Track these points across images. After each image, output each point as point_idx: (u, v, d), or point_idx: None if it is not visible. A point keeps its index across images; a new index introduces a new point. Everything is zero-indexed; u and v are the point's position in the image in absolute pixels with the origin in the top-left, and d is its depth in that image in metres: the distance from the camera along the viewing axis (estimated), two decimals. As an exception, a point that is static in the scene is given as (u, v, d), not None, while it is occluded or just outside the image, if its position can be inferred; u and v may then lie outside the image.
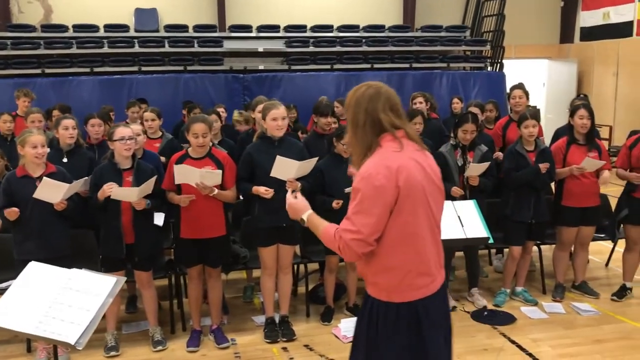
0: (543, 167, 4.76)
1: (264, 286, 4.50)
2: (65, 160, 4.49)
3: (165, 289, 4.87)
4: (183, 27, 10.97)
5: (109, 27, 10.63)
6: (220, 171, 4.08)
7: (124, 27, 10.74)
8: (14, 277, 4.21)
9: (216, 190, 4.07)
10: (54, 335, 2.44)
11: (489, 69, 11.90)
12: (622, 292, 5.15)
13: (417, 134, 2.45)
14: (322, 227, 2.41)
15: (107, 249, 4.16)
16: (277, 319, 4.59)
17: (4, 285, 4.33)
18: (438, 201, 2.41)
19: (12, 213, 3.89)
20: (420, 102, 6.55)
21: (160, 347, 4.32)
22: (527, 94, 5.81)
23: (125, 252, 4.11)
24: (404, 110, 2.45)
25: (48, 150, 4.14)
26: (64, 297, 2.57)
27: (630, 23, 12.00)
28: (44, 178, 3.88)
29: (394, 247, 2.29)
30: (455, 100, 7.68)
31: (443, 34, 12.05)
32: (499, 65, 11.83)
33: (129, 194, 3.97)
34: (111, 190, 3.93)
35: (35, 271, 2.72)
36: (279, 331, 4.51)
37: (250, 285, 5.40)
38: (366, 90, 2.37)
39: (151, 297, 4.38)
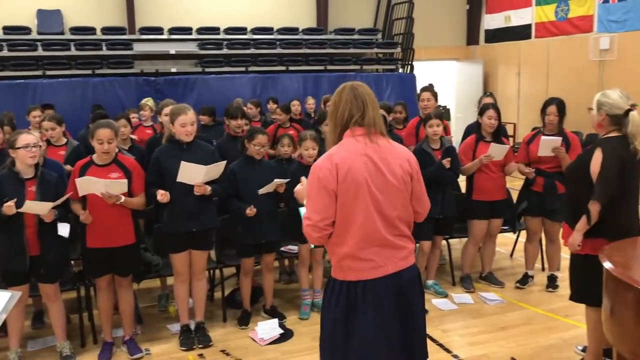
0: (445, 162, 4.97)
1: (177, 293, 4.43)
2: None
3: (74, 301, 4.68)
4: (90, 30, 10.61)
5: (8, 30, 10.12)
6: (126, 180, 3.97)
7: (25, 30, 10.26)
8: None
9: (123, 198, 3.96)
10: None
11: (401, 70, 12.27)
12: (524, 280, 5.46)
13: (383, 128, 2.62)
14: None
15: (9, 263, 3.94)
16: (192, 326, 4.52)
17: None
18: (390, 194, 2.53)
19: None
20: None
21: (68, 362, 4.16)
22: (435, 95, 6.02)
23: (29, 265, 3.92)
24: (387, 104, 2.64)
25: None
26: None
27: (529, 26, 12.74)
28: None
29: (338, 233, 2.53)
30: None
31: (356, 36, 12.31)
32: (409, 67, 12.21)
33: (40, 208, 3.80)
34: (12, 207, 3.74)
35: None
36: (194, 338, 4.44)
37: (164, 293, 5.29)
38: (344, 88, 2.61)
39: (58, 310, 4.20)
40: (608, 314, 2.83)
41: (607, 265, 2.80)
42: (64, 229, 4.22)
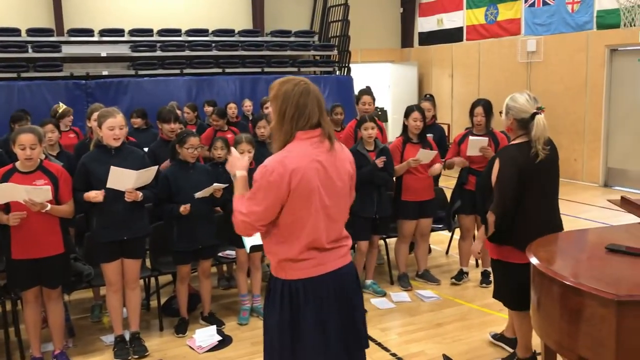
0: (379, 161, 5.04)
1: (110, 303, 4.28)
2: None
3: (0, 315, 4.45)
4: (15, 31, 10.15)
5: None
6: (49, 186, 3.80)
7: (-58, 30, 9.70)
8: None
9: (49, 206, 3.80)
10: None
11: (338, 73, 12.37)
12: (460, 276, 5.60)
13: (333, 132, 2.58)
14: (236, 195, 2.61)
15: None
16: (127, 336, 4.39)
17: None
18: (337, 199, 2.54)
19: None
20: (268, 107, 6.61)
21: (-7, 381, 3.95)
22: (374, 99, 6.11)
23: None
24: (326, 108, 2.59)
25: None
26: None
27: (461, 29, 13.10)
28: None
29: (283, 235, 2.50)
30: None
31: (292, 39, 12.32)
32: (346, 69, 12.33)
33: None
34: None
35: None
36: (129, 349, 4.31)
37: (97, 303, 5.11)
38: (295, 85, 2.50)
39: (-20, 327, 3.99)
40: (535, 307, 2.93)
41: (533, 260, 2.90)
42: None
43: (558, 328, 2.70)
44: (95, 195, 3.97)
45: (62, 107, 6.58)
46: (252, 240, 3.25)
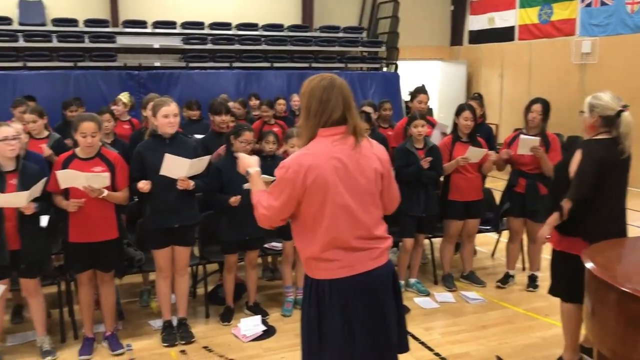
0: (424, 162, 5.00)
1: (159, 289, 4.39)
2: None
3: (55, 296, 4.63)
4: (72, 22, 10.47)
5: (-12, 20, 9.93)
6: (108, 173, 3.93)
7: (6, 20, 10.09)
8: None
9: (106, 192, 3.92)
10: None
11: (385, 69, 12.32)
12: (505, 280, 5.52)
13: (363, 128, 2.56)
14: (255, 190, 2.70)
15: (-12, 257, 3.88)
16: (174, 322, 4.50)
17: None
18: (362, 198, 2.50)
19: None
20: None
21: (49, 357, 4.10)
22: (428, 98, 6.08)
23: (9, 259, 3.86)
24: (355, 104, 2.58)
25: None
26: None
27: (512, 28, 12.85)
28: None
29: (305, 234, 2.54)
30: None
31: (341, 34, 12.32)
32: (394, 66, 12.26)
33: (17, 200, 3.73)
34: None
35: None
36: (176, 334, 4.42)
37: (146, 289, 5.25)
38: (321, 80, 2.51)
39: (39, 305, 4.14)
40: (589, 313, 2.87)
41: (589, 265, 2.84)
42: (43, 220, 4.17)
43: (613, 335, 2.64)
44: (142, 186, 4.07)
45: (127, 96, 6.77)
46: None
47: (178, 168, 4.05)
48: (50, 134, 5.43)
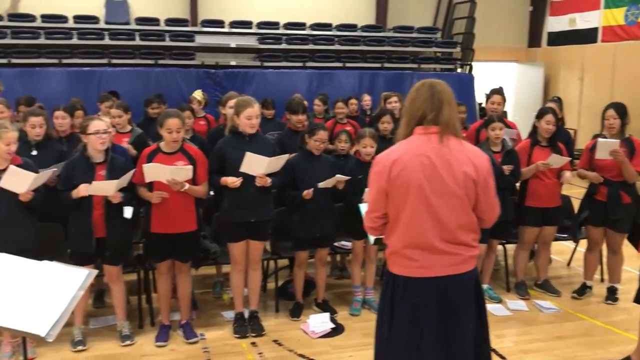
0: (506, 168, 4.89)
1: (233, 282, 4.51)
2: (34, 152, 4.42)
3: (134, 283, 4.85)
4: (154, 21, 10.88)
5: (78, 18, 10.46)
6: (191, 167, 4.08)
7: (93, 19, 10.59)
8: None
9: (187, 186, 4.07)
10: (24, 327, 2.42)
11: (459, 70, 12.11)
12: (582, 290, 5.32)
13: (458, 131, 2.58)
14: None
15: (77, 244, 4.12)
16: (246, 315, 4.61)
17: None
18: (448, 199, 2.49)
19: None
20: (396, 102, 6.61)
21: (128, 342, 4.30)
22: (504, 99, 5.94)
23: (95, 246, 4.08)
24: (455, 111, 2.60)
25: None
26: (34, 289, 2.55)
27: (595, 29, 12.33)
28: (11, 166, 3.81)
29: (389, 228, 2.62)
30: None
31: (414, 35, 12.21)
32: (468, 67, 12.04)
33: (106, 188, 3.94)
34: (87, 190, 3.91)
35: (3, 263, 2.70)
36: (248, 326, 4.53)
37: (219, 280, 5.40)
38: (422, 85, 2.60)
39: (120, 291, 4.35)
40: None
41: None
42: (128, 212, 4.38)
43: None
44: (233, 182, 4.19)
45: (201, 94, 7.00)
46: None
47: (258, 165, 4.16)
48: (132, 128, 5.67)
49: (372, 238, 3.36)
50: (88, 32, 10.31)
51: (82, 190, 3.94)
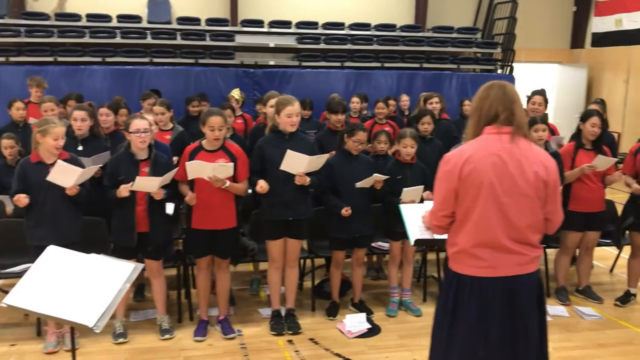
0: None
1: (271, 279, 4.55)
2: (80, 148, 4.55)
3: (173, 278, 4.93)
4: (195, 20, 11.02)
5: (121, 18, 10.68)
6: (232, 164, 4.13)
7: (136, 18, 10.79)
8: (27, 262, 4.32)
9: (228, 183, 4.12)
10: (73, 317, 2.49)
11: (499, 71, 11.94)
12: (626, 298, 5.18)
13: (526, 130, 2.60)
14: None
15: (120, 238, 4.21)
16: (282, 312, 4.64)
17: (18, 268, 4.41)
18: (518, 199, 2.49)
19: (20, 200, 3.93)
20: (437, 102, 6.57)
21: (167, 336, 4.38)
22: (546, 100, 5.83)
23: (137, 241, 4.17)
24: (524, 112, 2.62)
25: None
26: (82, 281, 2.62)
27: (643, 30, 11.99)
28: (58, 161, 3.93)
29: (456, 226, 2.60)
30: (466, 102, 7.71)
31: (454, 35, 12.08)
32: (509, 68, 11.86)
33: (150, 185, 4.03)
34: (128, 190, 4.01)
35: (54, 255, 2.78)
36: (284, 324, 4.56)
37: (256, 277, 5.45)
38: (492, 85, 2.60)
39: (161, 286, 4.44)
40: None
41: None
42: (169, 208, 4.47)
43: None
44: (260, 188, 4.22)
45: (238, 93, 7.07)
46: (417, 233, 3.28)
47: (298, 164, 4.18)
48: (174, 126, 5.77)
49: (412, 239, 3.33)
50: (131, 31, 10.51)
51: (123, 191, 4.03)
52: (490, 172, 2.47)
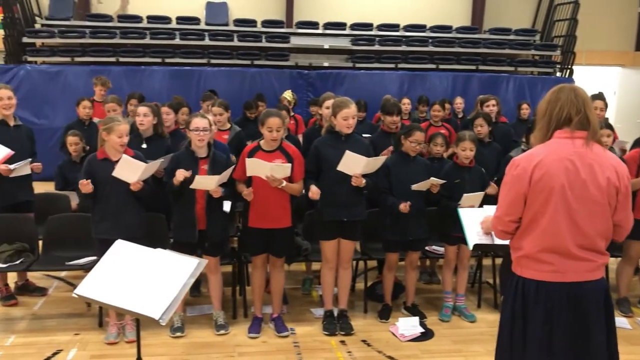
0: None
1: (324, 279, 4.57)
2: (144, 146, 4.70)
3: (227, 275, 5.02)
4: (252, 22, 11.20)
5: (181, 20, 10.97)
6: (290, 165, 4.17)
7: (195, 20, 11.06)
8: (91, 254, 4.50)
9: (285, 183, 4.17)
10: (140, 309, 2.58)
11: (558, 74, 11.64)
12: (692, 311, 4.97)
13: (599, 134, 2.56)
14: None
15: (180, 234, 4.32)
16: (335, 313, 4.65)
17: (83, 261, 4.59)
18: (588, 206, 2.44)
19: (85, 186, 4.06)
20: (494, 105, 6.47)
21: (223, 331, 4.47)
22: (606, 105, 5.66)
23: (196, 237, 4.27)
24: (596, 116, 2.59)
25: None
26: (148, 275, 2.71)
27: None
28: (123, 155, 4.08)
29: (522, 231, 2.55)
30: (524, 105, 7.56)
31: (512, 37, 11.86)
32: (568, 71, 11.54)
33: (208, 183, 4.12)
34: (184, 175, 4.10)
35: (122, 249, 2.89)
36: (337, 324, 4.57)
37: (309, 277, 5.49)
38: (562, 88, 2.54)
39: (217, 282, 4.53)
40: None
41: None
42: (226, 205, 4.56)
43: None
44: (311, 194, 4.26)
45: (290, 94, 7.15)
46: (476, 238, 3.25)
47: (355, 165, 4.19)
48: (231, 126, 5.88)
49: (471, 243, 3.29)
50: (190, 32, 10.78)
51: (179, 175, 4.11)
52: (561, 177, 2.42)
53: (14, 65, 9.83)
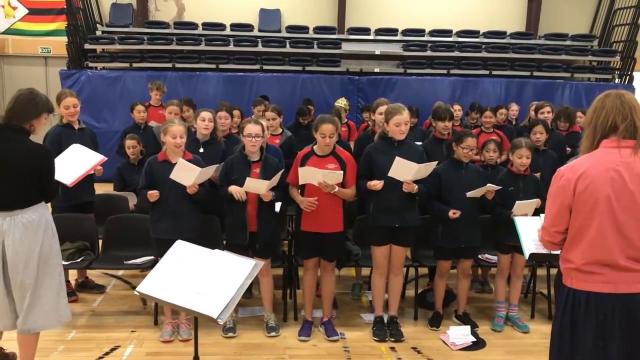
0: None
1: (375, 285, 4.57)
2: (201, 150, 4.82)
3: (278, 278, 5.08)
4: (304, 28, 11.30)
5: (235, 26, 11.18)
6: (342, 172, 4.20)
7: (248, 27, 11.25)
8: (148, 254, 4.64)
9: (337, 188, 4.21)
10: (199, 308, 2.66)
11: (617, 81, 11.28)
12: None
13: None
14: None
15: (233, 236, 4.41)
16: (385, 319, 4.65)
17: (140, 260, 4.74)
18: (636, 216, 2.39)
19: (152, 195, 4.24)
20: (548, 112, 6.34)
21: (274, 333, 4.52)
22: None
23: (248, 239, 4.35)
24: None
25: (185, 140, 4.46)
26: (207, 275, 2.79)
27: None
28: (180, 159, 4.21)
29: (568, 243, 2.52)
30: (579, 114, 7.36)
31: (568, 42, 11.58)
32: (627, 77, 11.18)
33: (259, 187, 4.19)
34: (238, 192, 4.20)
35: (182, 249, 2.98)
36: (387, 330, 4.56)
37: (358, 282, 5.50)
38: (608, 95, 2.50)
39: (268, 284, 4.59)
40: None
41: None
42: (276, 206, 4.62)
43: None
44: (374, 185, 4.27)
45: (344, 102, 7.22)
46: (532, 247, 3.20)
47: (406, 171, 4.19)
48: (283, 131, 5.96)
49: (527, 253, 3.24)
50: (243, 39, 10.97)
51: (233, 190, 4.23)
52: (607, 188, 2.37)
53: (76, 70, 10.24)
